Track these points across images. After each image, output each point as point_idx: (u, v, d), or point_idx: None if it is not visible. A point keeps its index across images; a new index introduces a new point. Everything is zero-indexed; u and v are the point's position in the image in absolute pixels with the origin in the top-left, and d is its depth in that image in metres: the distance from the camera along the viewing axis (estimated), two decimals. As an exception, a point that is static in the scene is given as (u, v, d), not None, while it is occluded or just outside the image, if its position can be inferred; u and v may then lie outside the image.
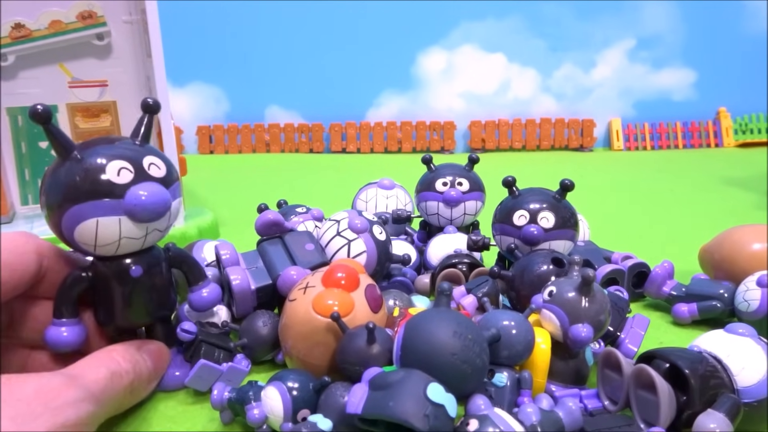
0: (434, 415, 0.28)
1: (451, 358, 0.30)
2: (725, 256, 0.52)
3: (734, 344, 0.34)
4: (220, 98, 1.94)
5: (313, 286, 0.39)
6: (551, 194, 0.49)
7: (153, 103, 0.37)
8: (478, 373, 0.32)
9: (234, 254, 0.45)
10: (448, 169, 0.61)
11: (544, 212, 0.47)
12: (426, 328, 0.32)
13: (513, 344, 0.34)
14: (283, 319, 0.39)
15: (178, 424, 0.36)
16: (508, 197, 0.51)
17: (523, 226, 0.47)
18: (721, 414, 0.30)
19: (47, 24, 0.73)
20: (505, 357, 0.34)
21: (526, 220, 0.48)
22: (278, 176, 1.48)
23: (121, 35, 0.75)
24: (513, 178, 0.50)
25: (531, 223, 0.47)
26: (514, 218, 0.48)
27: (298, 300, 0.39)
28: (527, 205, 0.48)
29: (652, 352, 0.34)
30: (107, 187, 0.32)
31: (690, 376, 0.31)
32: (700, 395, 0.31)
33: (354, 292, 0.38)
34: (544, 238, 0.47)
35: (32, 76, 0.73)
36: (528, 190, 0.50)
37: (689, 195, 1.15)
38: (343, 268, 0.39)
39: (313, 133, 1.95)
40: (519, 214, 0.48)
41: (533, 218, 0.47)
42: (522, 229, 0.47)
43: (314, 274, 0.40)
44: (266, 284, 0.44)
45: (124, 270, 0.35)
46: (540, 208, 0.48)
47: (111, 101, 0.76)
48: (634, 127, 2.03)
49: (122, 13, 0.74)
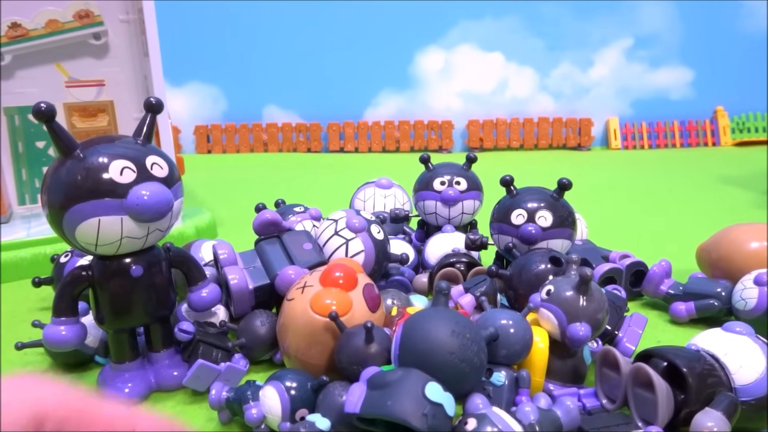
0: (432, 414, 0.28)
1: (449, 357, 0.30)
2: (722, 254, 0.52)
3: (732, 343, 0.34)
4: (218, 98, 1.94)
5: (311, 286, 0.39)
6: (549, 193, 0.49)
7: (156, 102, 0.37)
8: (476, 372, 0.32)
9: (232, 254, 0.45)
10: (445, 168, 0.61)
11: (541, 211, 0.47)
12: (424, 327, 0.32)
13: (511, 343, 0.34)
14: (281, 319, 0.40)
15: (177, 423, 0.36)
16: (506, 196, 0.51)
17: (521, 225, 0.47)
18: (718, 412, 0.30)
19: (44, 23, 0.72)
20: (503, 356, 0.34)
21: (524, 219, 0.48)
22: (276, 176, 1.48)
23: (118, 35, 0.74)
24: (511, 177, 0.50)
25: (529, 222, 0.47)
26: (512, 217, 0.48)
27: (296, 299, 0.39)
28: (525, 204, 0.48)
29: (649, 350, 0.34)
30: (109, 187, 0.32)
31: (688, 375, 0.31)
32: (698, 393, 0.31)
33: (352, 292, 0.38)
34: (542, 237, 0.47)
35: (29, 75, 0.73)
36: (526, 189, 0.50)
37: (687, 194, 1.15)
38: (341, 268, 0.39)
39: (311, 133, 1.95)
40: (517, 213, 0.48)
41: (531, 217, 0.47)
42: (520, 228, 0.47)
43: (312, 273, 0.40)
44: (264, 284, 0.44)
45: (124, 269, 0.35)
46: (538, 207, 0.48)
47: (108, 101, 0.76)
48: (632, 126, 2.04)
49: (119, 12, 0.74)
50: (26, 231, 0.68)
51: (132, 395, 0.38)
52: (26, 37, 0.72)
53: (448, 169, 0.61)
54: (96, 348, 0.41)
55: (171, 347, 0.40)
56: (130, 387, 0.38)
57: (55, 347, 0.35)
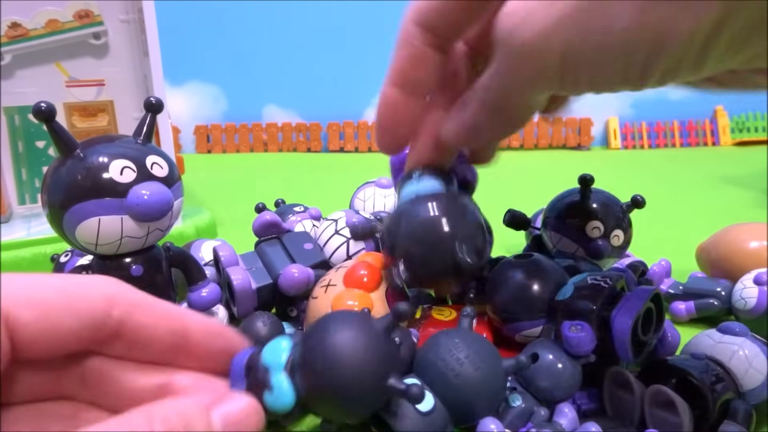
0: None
1: (455, 379, 0.29)
2: (722, 254, 0.52)
3: (733, 346, 0.33)
4: (218, 97, 1.94)
5: (334, 285, 0.38)
6: (621, 207, 0.46)
7: (156, 102, 0.37)
8: (486, 399, 0.30)
9: (233, 255, 0.45)
10: None
11: (617, 230, 0.45)
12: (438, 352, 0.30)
13: (557, 380, 0.32)
14: (307, 318, 0.40)
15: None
16: (576, 196, 0.46)
17: (594, 239, 0.44)
18: (738, 426, 0.30)
19: (44, 23, 0.72)
20: (542, 389, 0.32)
21: (599, 234, 0.44)
22: (276, 176, 1.48)
23: (118, 34, 0.74)
24: (590, 177, 0.45)
25: (604, 237, 0.44)
26: (588, 229, 0.45)
27: (319, 298, 0.39)
28: (601, 217, 0.45)
29: (655, 361, 0.34)
30: (109, 186, 0.32)
31: (704, 390, 0.30)
32: (713, 406, 0.30)
33: (374, 293, 0.38)
34: (609, 254, 0.45)
35: (29, 75, 0.73)
36: (598, 197, 0.46)
37: (686, 193, 1.15)
38: (367, 266, 0.39)
39: (310, 133, 1.95)
40: (593, 226, 0.45)
41: (606, 233, 0.44)
42: (593, 242, 0.44)
43: (337, 270, 0.40)
44: (267, 283, 0.44)
45: (124, 269, 0.35)
46: (615, 226, 0.45)
47: (108, 101, 0.76)
48: (632, 125, 2.04)
49: (119, 12, 0.74)
50: (26, 230, 0.68)
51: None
52: (26, 36, 0.72)
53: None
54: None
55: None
56: (130, 386, 0.38)
57: (55, 347, 0.35)
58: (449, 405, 0.29)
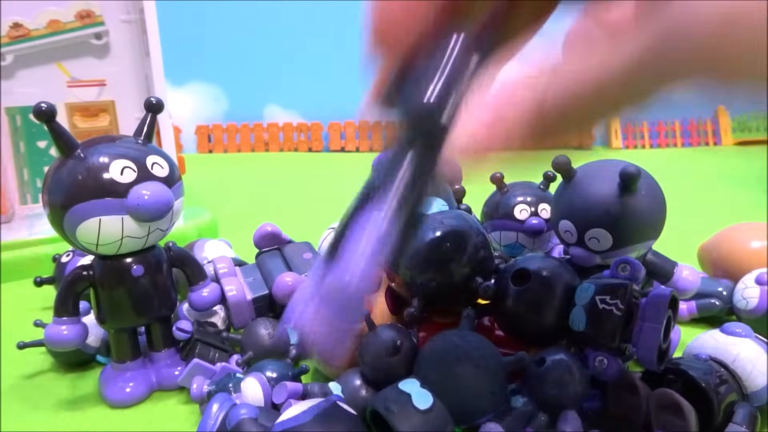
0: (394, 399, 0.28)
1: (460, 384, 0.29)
2: (724, 254, 0.52)
3: (737, 347, 0.33)
4: (219, 97, 1.94)
5: None
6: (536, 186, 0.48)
7: (156, 102, 0.37)
8: (485, 403, 0.30)
9: (231, 268, 0.45)
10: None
11: (542, 204, 0.47)
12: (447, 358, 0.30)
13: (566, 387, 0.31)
14: None
15: (176, 422, 0.36)
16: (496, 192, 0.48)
17: (527, 219, 0.46)
18: (743, 428, 0.29)
19: (45, 23, 0.73)
20: (549, 396, 0.31)
21: (528, 213, 0.47)
22: (277, 175, 1.48)
23: (119, 34, 0.75)
24: (501, 174, 0.48)
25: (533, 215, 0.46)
26: (516, 212, 0.47)
27: None
28: (525, 198, 0.47)
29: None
30: (110, 186, 0.33)
31: (709, 392, 0.30)
32: (718, 408, 0.30)
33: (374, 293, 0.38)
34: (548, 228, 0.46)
35: (30, 75, 0.73)
36: (516, 184, 0.49)
37: (688, 193, 1.15)
38: None
39: (312, 132, 1.95)
40: (520, 209, 0.47)
41: (535, 211, 0.47)
42: (525, 222, 0.46)
43: None
44: (263, 294, 0.44)
45: (125, 269, 0.35)
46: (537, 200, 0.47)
47: (109, 101, 0.76)
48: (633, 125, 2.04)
49: (120, 12, 0.74)
50: (28, 231, 0.68)
51: (133, 394, 0.38)
52: (27, 37, 0.72)
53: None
54: (97, 347, 0.42)
55: (172, 347, 0.40)
56: (131, 386, 0.38)
57: (56, 347, 0.35)
58: (450, 405, 0.29)
